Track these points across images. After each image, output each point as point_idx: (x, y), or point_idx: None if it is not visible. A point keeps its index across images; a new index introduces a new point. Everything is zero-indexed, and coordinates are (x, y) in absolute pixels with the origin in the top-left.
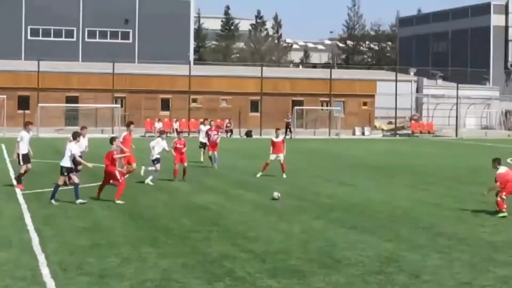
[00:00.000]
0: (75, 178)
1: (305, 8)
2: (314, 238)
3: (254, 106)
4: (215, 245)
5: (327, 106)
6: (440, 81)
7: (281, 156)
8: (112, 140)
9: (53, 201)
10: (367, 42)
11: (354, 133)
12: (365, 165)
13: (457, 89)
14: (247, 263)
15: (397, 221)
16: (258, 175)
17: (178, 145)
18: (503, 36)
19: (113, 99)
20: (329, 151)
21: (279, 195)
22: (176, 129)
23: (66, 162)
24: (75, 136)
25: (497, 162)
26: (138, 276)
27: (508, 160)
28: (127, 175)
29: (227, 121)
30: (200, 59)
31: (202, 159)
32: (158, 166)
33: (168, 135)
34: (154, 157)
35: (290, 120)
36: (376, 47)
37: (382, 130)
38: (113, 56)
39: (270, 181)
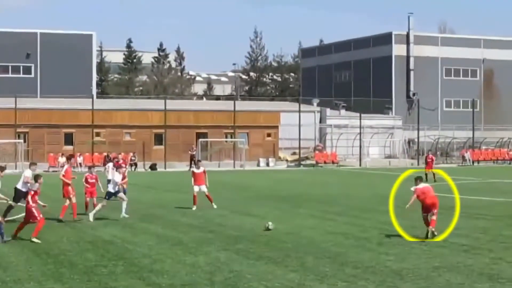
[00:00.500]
0: None
1: (208, 40)
2: (220, 270)
3: (158, 139)
4: (121, 279)
5: (231, 137)
6: (343, 111)
7: (204, 188)
8: (36, 178)
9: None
10: (270, 74)
11: (258, 164)
12: (271, 196)
13: (360, 118)
14: None
15: (303, 251)
16: (193, 209)
17: (90, 180)
18: (405, 65)
19: (16, 134)
20: (234, 183)
21: (270, 225)
22: (79, 163)
23: None
24: None
25: (418, 180)
26: None
27: (411, 189)
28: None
29: (131, 154)
30: (103, 93)
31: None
32: (122, 195)
33: (72, 169)
34: (114, 190)
35: (194, 152)
36: (279, 78)
37: (287, 161)
38: (15, 91)
39: (176, 213)
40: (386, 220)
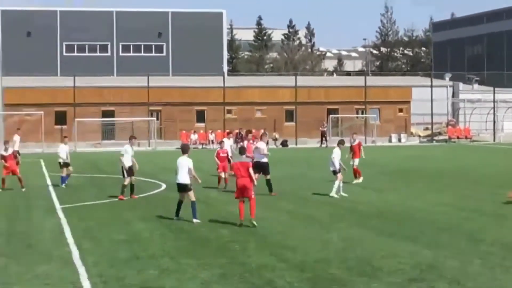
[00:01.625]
0: (192, 196)
1: (338, 16)
2: (353, 246)
3: (289, 116)
4: (254, 255)
5: (362, 113)
6: (476, 86)
7: (356, 161)
8: (242, 150)
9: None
10: (401, 48)
11: (390, 140)
12: (403, 172)
13: (494, 93)
14: (286, 273)
15: (436, 228)
16: (360, 180)
17: (221, 154)
18: None
19: (149, 112)
20: (366, 159)
21: None
22: (211, 140)
23: (185, 179)
24: (186, 149)
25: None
26: None
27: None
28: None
29: (262, 131)
30: (233, 70)
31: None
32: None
33: (204, 146)
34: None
35: (325, 129)
36: (410, 53)
37: (419, 136)
38: (147, 70)
39: (302, 190)
40: None
